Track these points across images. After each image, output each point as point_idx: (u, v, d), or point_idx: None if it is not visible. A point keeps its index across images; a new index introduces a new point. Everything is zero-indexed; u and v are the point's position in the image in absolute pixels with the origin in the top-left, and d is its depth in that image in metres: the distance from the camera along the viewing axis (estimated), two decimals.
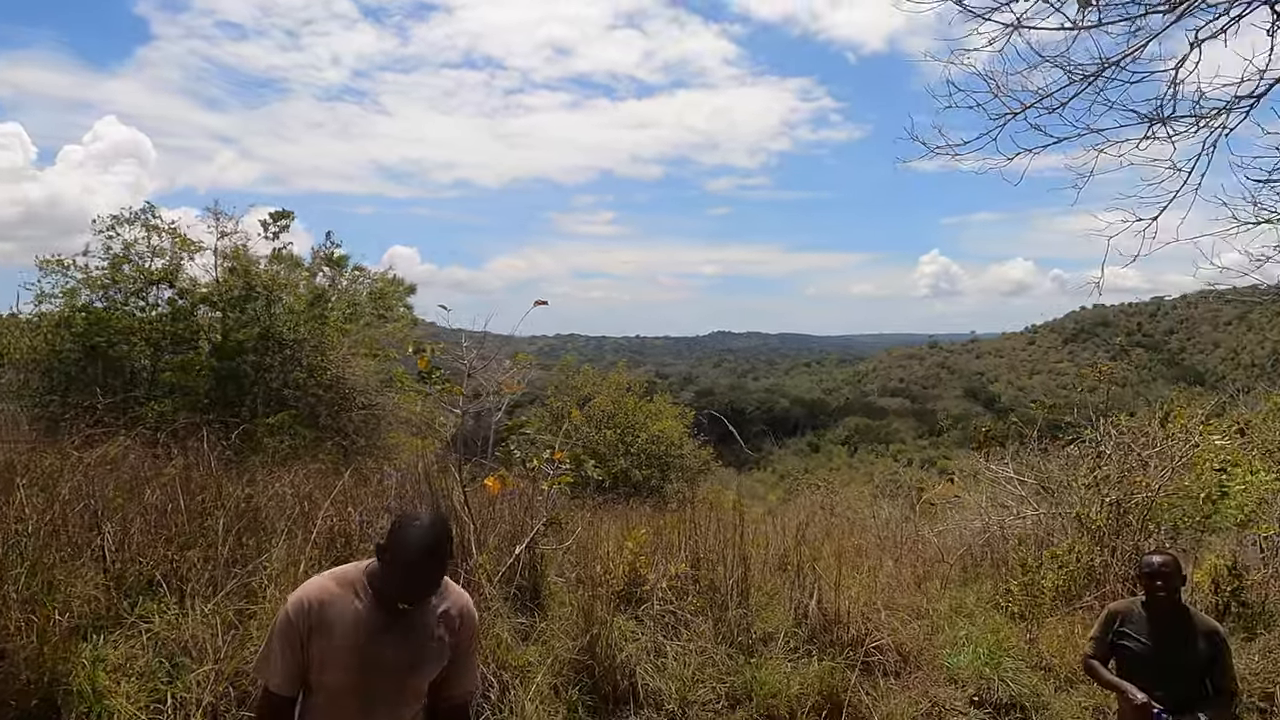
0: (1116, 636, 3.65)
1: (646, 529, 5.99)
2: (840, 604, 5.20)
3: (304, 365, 11.89)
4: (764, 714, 4.55)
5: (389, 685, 2.20)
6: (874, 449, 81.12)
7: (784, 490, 29.24)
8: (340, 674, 2.15)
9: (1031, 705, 4.95)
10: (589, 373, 23.17)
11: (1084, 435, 7.96)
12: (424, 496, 5.14)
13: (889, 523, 9.85)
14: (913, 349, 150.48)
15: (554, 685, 4.28)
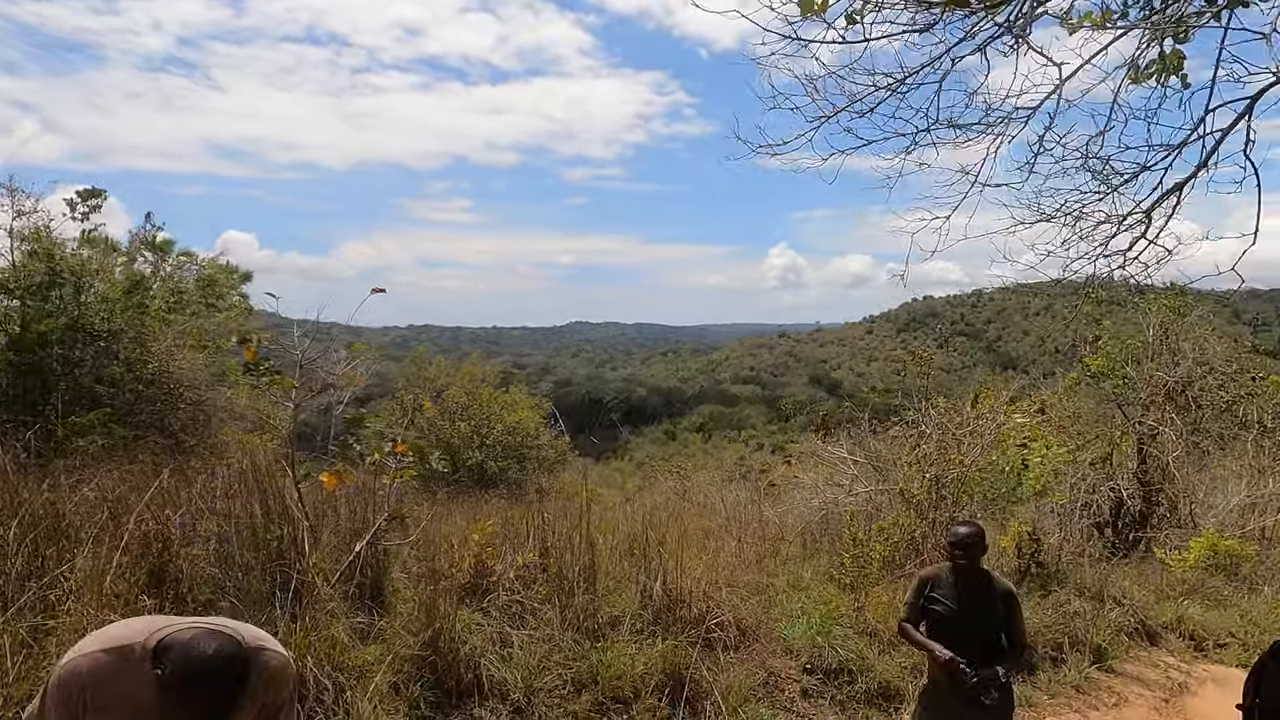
0: (927, 600, 3.97)
1: (495, 520, 5.95)
2: (684, 584, 5.37)
3: (121, 359, 10.89)
4: (610, 696, 4.63)
5: None
6: (727, 435, 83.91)
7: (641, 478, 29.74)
8: None
9: (857, 668, 5.32)
10: (442, 364, 22.64)
11: (907, 417, 8.60)
12: (255, 494, 4.86)
13: (736, 505, 10.25)
14: (763, 339, 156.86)
15: (394, 683, 4.17)
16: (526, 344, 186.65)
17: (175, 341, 11.75)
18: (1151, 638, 7.46)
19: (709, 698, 4.73)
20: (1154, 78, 3.01)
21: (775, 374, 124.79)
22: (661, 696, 4.68)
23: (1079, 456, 10.15)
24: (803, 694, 5.13)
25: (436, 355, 26.29)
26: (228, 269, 17.44)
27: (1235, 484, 11.21)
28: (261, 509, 4.60)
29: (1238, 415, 10.97)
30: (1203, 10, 2.71)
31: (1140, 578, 8.54)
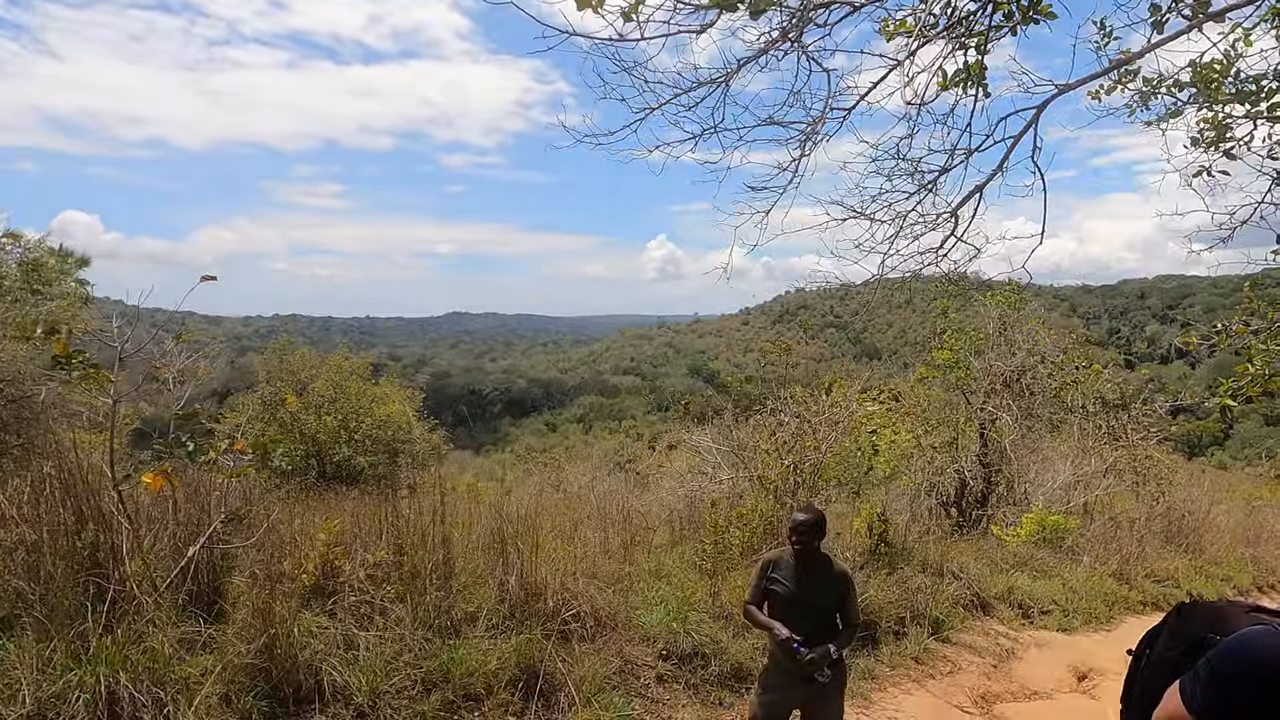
0: (769, 582, 4.12)
1: (347, 518, 5.73)
2: (541, 577, 5.34)
3: None
4: (461, 694, 4.55)
5: None
6: (608, 425, 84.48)
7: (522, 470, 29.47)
8: None
9: (711, 652, 5.46)
10: (307, 355, 21.59)
11: (767, 406, 8.89)
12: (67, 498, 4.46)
13: (606, 495, 10.31)
14: (643, 329, 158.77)
15: (224, 694, 3.94)
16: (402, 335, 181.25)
17: None
18: (985, 608, 8.04)
19: (563, 689, 4.73)
20: (959, 85, 3.22)
21: (655, 364, 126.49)
22: (515, 691, 4.64)
23: (926, 441, 10.80)
24: (658, 679, 5.21)
25: (303, 346, 25.11)
26: (60, 253, 15.98)
27: (1062, 464, 12.24)
28: (74, 514, 4.23)
29: (1064, 401, 11.96)
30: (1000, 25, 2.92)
31: (978, 553, 9.18)
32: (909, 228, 3.59)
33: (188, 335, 4.94)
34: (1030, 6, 2.85)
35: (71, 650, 3.67)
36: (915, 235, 3.60)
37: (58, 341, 4.26)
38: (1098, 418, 13.03)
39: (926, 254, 3.64)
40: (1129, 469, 13.07)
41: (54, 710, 3.45)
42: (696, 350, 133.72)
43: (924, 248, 3.63)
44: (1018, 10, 2.87)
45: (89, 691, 3.49)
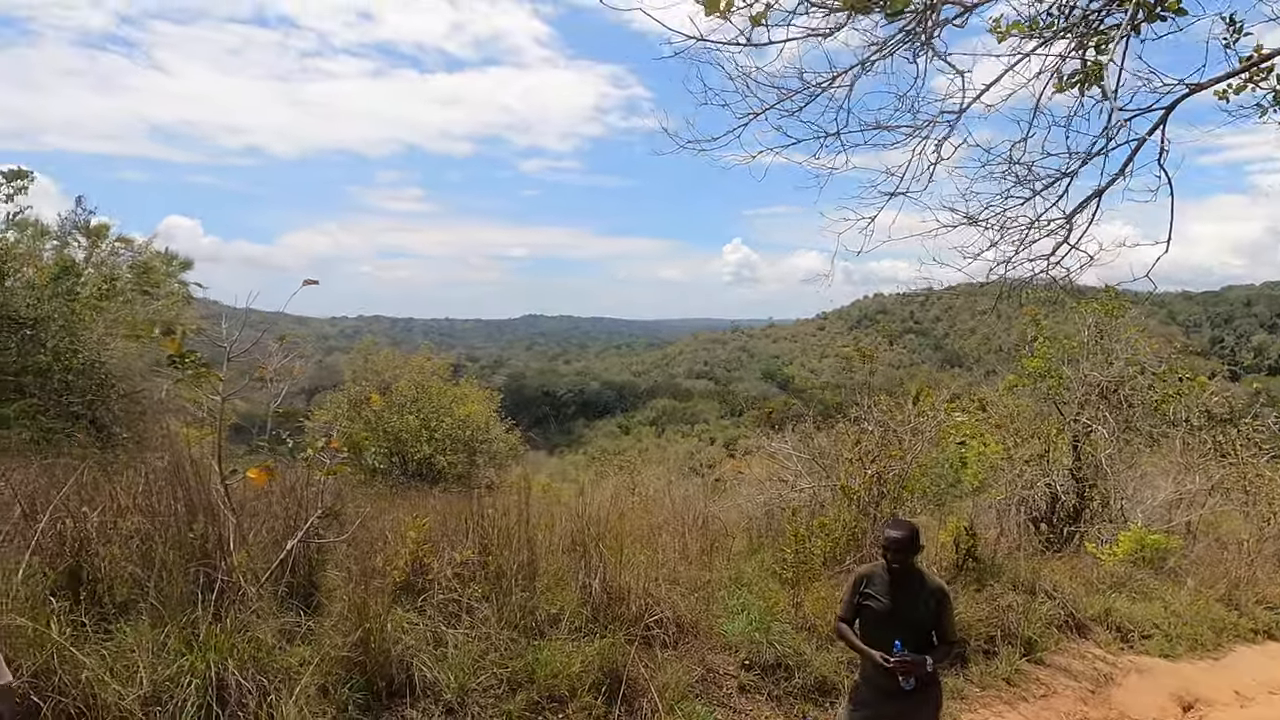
0: (861, 597, 4.02)
1: (434, 516, 5.85)
2: (624, 581, 5.35)
3: (48, 347, 10.47)
4: (545, 695, 4.59)
5: None
6: (680, 429, 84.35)
7: (595, 472, 29.68)
8: None
9: (795, 664, 5.36)
10: (391, 356, 22.24)
11: (851, 414, 8.70)
12: (179, 490, 4.69)
13: (683, 500, 10.27)
14: (717, 333, 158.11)
15: (322, 685, 4.07)
16: (480, 336, 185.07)
17: (107, 330, 11.33)
18: (1080, 630, 7.68)
19: (645, 695, 4.72)
20: (1076, 87, 3.08)
21: (728, 369, 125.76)
22: (598, 695, 4.65)
23: (1016, 453, 10.40)
24: (740, 690, 5.16)
25: (387, 347, 25.87)
26: (166, 256, 16.92)
27: (1163, 480, 11.61)
28: (185, 506, 4.44)
29: (1166, 414, 11.34)
30: (1122, 23, 2.76)
31: (1072, 571, 8.78)
32: (1020, 233, 3.46)
33: (289, 336, 5.14)
34: (1157, 2, 2.70)
35: (184, 636, 3.86)
36: (1029, 241, 3.47)
37: (173, 341, 4.48)
38: (1203, 432, 12.32)
39: (1037, 261, 3.50)
40: (1237, 487, 12.31)
41: (168, 693, 3.63)
42: (771, 355, 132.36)
43: (1035, 254, 3.50)
44: (1142, 8, 2.72)
45: (200, 677, 3.66)
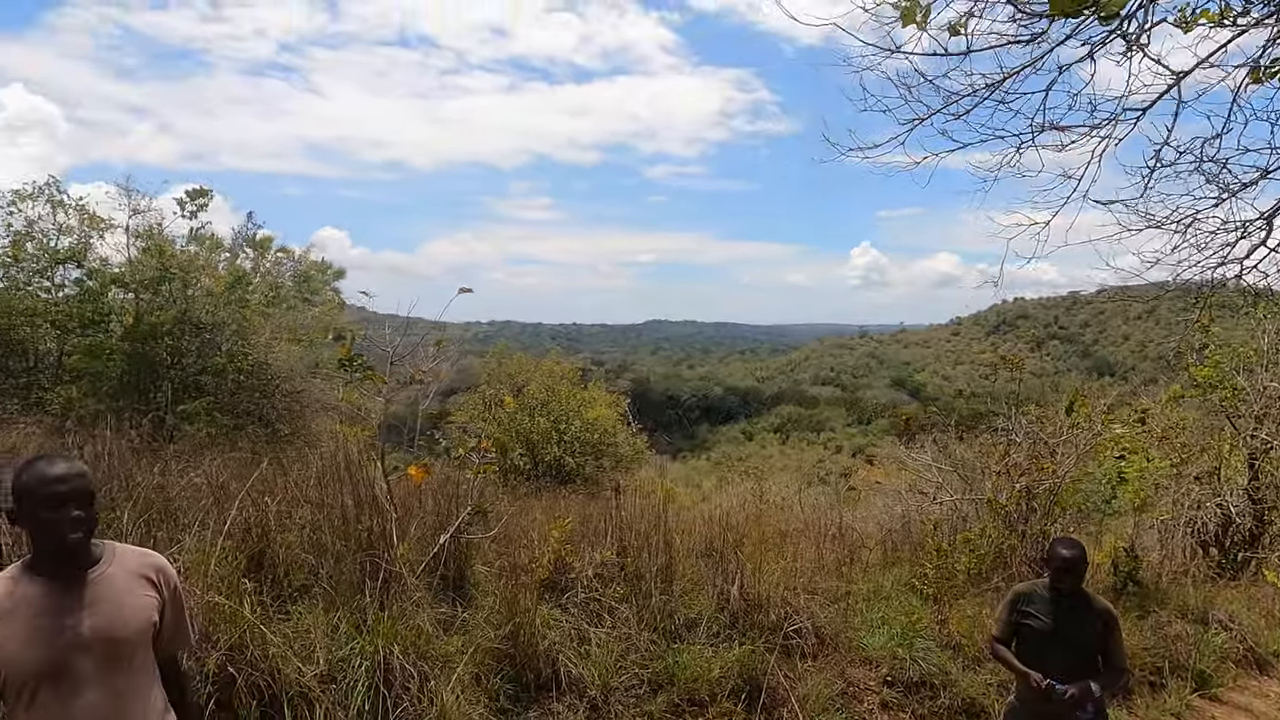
0: (1020, 617, 3.83)
1: (573, 517, 6.02)
2: (761, 589, 5.32)
3: (223, 350, 11.49)
4: (685, 698, 4.63)
5: (91, 657, 2.02)
6: (805, 436, 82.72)
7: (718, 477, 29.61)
8: (22, 663, 1.95)
9: (940, 683, 5.16)
10: (522, 360, 22.99)
11: (997, 424, 8.28)
12: (346, 484, 5.04)
13: (815, 508, 10.09)
14: (844, 339, 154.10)
15: (475, 674, 4.27)
16: (605, 341, 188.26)
17: (273, 334, 12.32)
18: (1261, 666, 7.00)
19: (785, 705, 4.67)
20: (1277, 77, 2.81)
21: (856, 375, 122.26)
22: (737, 701, 4.65)
23: (1183, 470, 9.58)
24: (882, 706, 5.02)
25: (517, 351, 26.75)
26: (322, 265, 18.22)
27: None
28: (353, 499, 4.76)
29: None
30: None
31: (1250, 601, 8.02)
32: (1209, 237, 3.20)
33: (444, 341, 5.43)
34: None
35: (353, 621, 4.14)
36: (1219, 245, 3.20)
37: (343, 347, 4.81)
38: None
39: (1230, 264, 3.22)
40: None
41: (341, 673, 3.90)
42: (901, 361, 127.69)
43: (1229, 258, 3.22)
44: None
45: (369, 660, 3.92)
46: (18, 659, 1.95)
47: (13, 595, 1.99)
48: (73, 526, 1.98)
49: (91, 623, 2.02)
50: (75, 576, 2.06)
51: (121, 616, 2.07)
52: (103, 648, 2.04)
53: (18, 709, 1.98)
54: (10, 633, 1.95)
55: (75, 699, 1.99)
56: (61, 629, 1.99)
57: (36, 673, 1.96)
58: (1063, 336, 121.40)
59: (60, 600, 2.01)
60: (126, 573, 2.14)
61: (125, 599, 2.10)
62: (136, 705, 2.11)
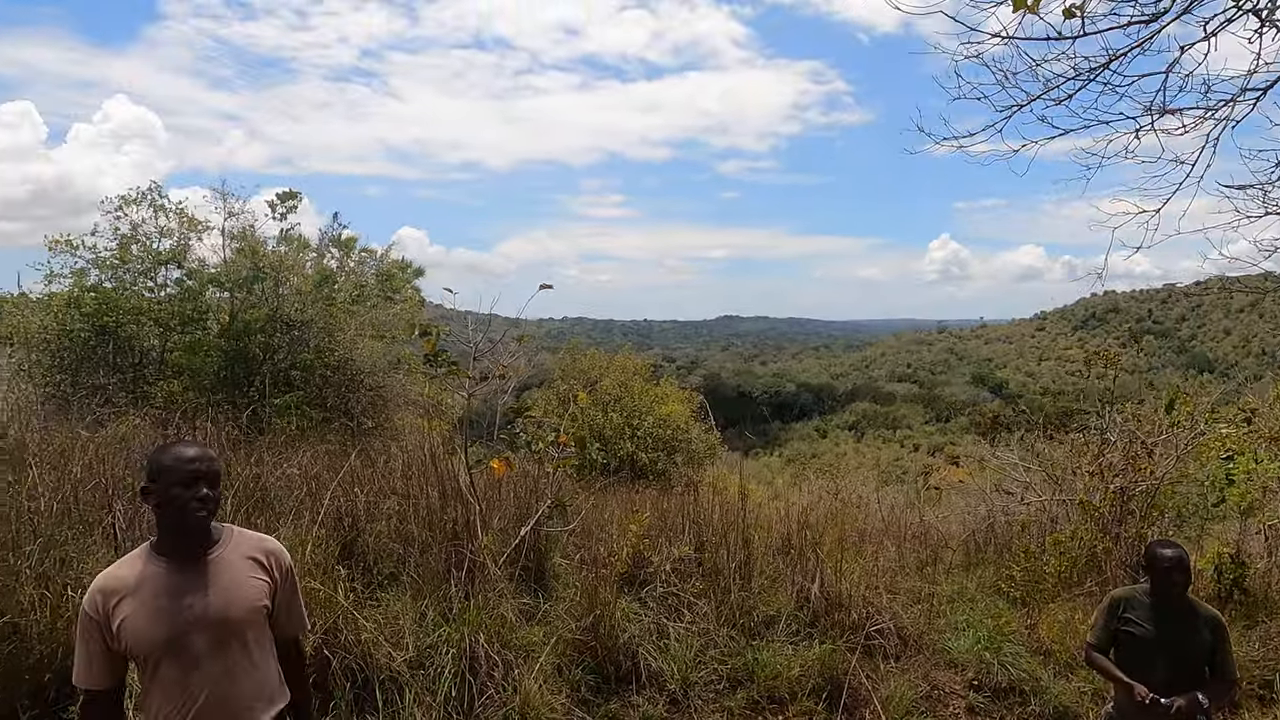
0: (1120, 623, 3.66)
1: (650, 512, 6.04)
2: (842, 587, 5.23)
3: (311, 346, 11.93)
4: (765, 695, 4.60)
5: (207, 635, 2.16)
6: (881, 434, 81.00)
7: (791, 474, 29.25)
8: (146, 638, 2.10)
9: (1030, 690, 4.98)
10: (596, 356, 23.15)
11: (1089, 422, 7.94)
12: (431, 477, 5.18)
13: (893, 508, 9.88)
14: (921, 334, 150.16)
15: (557, 665, 4.33)
16: (677, 337, 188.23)
17: (357, 331, 12.72)
18: None
19: (868, 706, 4.59)
20: None
21: (934, 372, 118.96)
22: (818, 700, 4.59)
23: None
24: (969, 711, 4.87)
25: (590, 347, 26.96)
26: (403, 264, 18.72)
27: None
28: (438, 491, 4.89)
29: None
30: None
31: None
32: None
33: (525, 338, 5.51)
34: None
35: (440, 609, 4.26)
36: None
37: (428, 342, 4.94)
38: None
39: None
40: None
41: (429, 659, 4.02)
42: (982, 358, 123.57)
43: None
44: None
45: (455, 647, 4.02)
46: (142, 634, 2.10)
47: (139, 574, 2.15)
48: (200, 504, 2.14)
49: (207, 602, 2.16)
50: (194, 558, 2.20)
51: (234, 598, 2.20)
52: (216, 626, 2.17)
53: (144, 678, 2.15)
54: (135, 609, 2.10)
55: (193, 673, 2.13)
56: (180, 608, 2.13)
57: (158, 647, 2.11)
58: (1157, 331, 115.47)
59: (180, 580, 2.16)
60: (241, 556, 2.27)
61: (238, 581, 2.23)
62: (249, 682, 2.23)
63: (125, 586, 2.13)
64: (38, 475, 4.28)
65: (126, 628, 2.09)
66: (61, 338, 10.64)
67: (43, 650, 3.41)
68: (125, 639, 2.10)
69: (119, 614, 2.09)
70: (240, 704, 2.21)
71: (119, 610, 2.10)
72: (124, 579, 2.14)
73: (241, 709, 2.21)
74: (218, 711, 2.16)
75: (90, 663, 2.12)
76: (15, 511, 3.85)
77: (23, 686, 3.35)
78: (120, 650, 2.12)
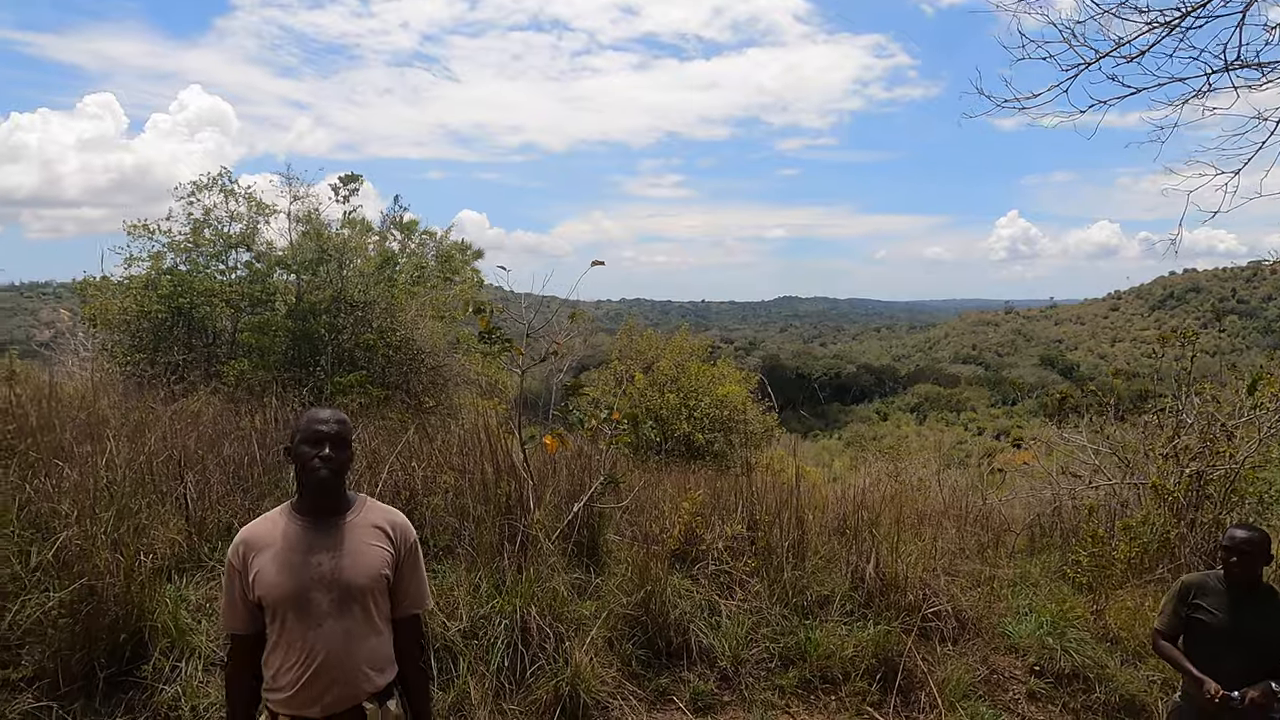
0: (1190, 609, 3.52)
1: (704, 491, 6.02)
2: (899, 568, 5.14)
3: (374, 326, 12.21)
4: (818, 674, 4.56)
5: (330, 595, 2.24)
6: (944, 417, 79.17)
7: (850, 457, 28.80)
8: (275, 589, 2.22)
9: (1095, 677, 4.83)
10: (652, 336, 23.12)
11: (1165, 404, 7.60)
12: (486, 453, 5.25)
13: (954, 490, 9.65)
14: (987, 314, 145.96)
15: (608, 638, 4.37)
16: (735, 319, 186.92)
17: (418, 312, 12.97)
18: None
19: (924, 688, 4.51)
20: None
21: (1000, 353, 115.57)
22: (872, 681, 4.53)
23: None
24: (1029, 696, 4.75)
25: (647, 328, 26.96)
26: (462, 246, 18.99)
27: None
28: (492, 467, 4.96)
29: None
30: None
31: None
32: None
33: (579, 315, 5.53)
34: None
35: (493, 581, 4.33)
36: None
37: (483, 319, 4.99)
38: None
39: None
40: None
41: (482, 630, 4.09)
42: (1051, 339, 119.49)
43: None
44: None
45: (507, 618, 4.09)
46: (271, 584, 2.23)
47: (276, 529, 2.29)
48: (321, 462, 2.24)
49: (334, 564, 2.26)
50: (329, 520, 2.31)
51: (358, 562, 2.29)
52: (339, 589, 2.26)
53: (273, 629, 2.27)
54: (268, 561, 2.24)
55: (315, 628, 2.24)
56: (308, 564, 2.25)
57: (285, 600, 2.23)
58: (1242, 311, 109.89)
59: (312, 539, 2.28)
60: (369, 524, 2.36)
61: (363, 548, 2.31)
62: (363, 648, 2.31)
63: (264, 539, 2.27)
64: (115, 447, 4.48)
65: (259, 578, 2.23)
66: (140, 319, 11.11)
67: (118, 612, 3.58)
68: (258, 588, 2.23)
69: (255, 565, 2.23)
70: (356, 667, 2.29)
71: (255, 561, 2.24)
72: (264, 532, 2.29)
73: (358, 672, 2.29)
74: (335, 670, 2.25)
75: (232, 608, 2.29)
76: (94, 481, 4.03)
77: (100, 645, 3.52)
78: (254, 599, 2.25)
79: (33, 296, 46.68)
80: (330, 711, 2.25)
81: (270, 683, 2.27)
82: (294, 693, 2.23)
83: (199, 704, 3.50)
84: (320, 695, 2.23)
